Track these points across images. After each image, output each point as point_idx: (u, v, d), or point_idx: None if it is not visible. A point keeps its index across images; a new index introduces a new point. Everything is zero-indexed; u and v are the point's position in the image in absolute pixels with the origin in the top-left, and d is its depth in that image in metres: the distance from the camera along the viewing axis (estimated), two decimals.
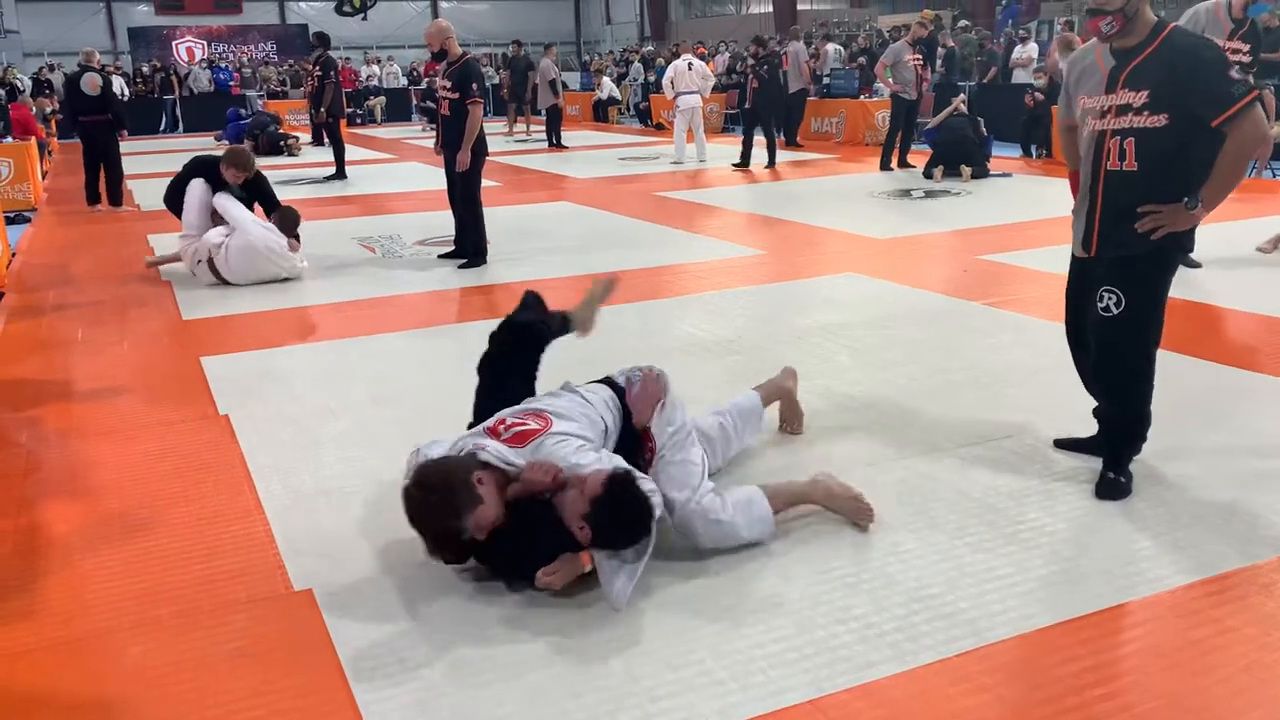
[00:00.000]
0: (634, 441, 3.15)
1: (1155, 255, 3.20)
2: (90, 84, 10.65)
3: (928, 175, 11.38)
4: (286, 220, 7.34)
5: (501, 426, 3.02)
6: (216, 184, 7.29)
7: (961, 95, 11.58)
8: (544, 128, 17.56)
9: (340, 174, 13.13)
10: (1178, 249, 3.30)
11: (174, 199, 7.51)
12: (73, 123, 10.87)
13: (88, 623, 2.85)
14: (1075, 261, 3.47)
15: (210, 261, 7.10)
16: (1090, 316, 3.33)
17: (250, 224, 7.13)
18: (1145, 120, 3.11)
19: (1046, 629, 2.65)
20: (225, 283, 7.07)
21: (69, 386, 5.03)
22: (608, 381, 3.32)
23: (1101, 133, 3.22)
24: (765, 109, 13.12)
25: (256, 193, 7.51)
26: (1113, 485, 3.38)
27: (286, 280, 7.16)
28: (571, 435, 2.95)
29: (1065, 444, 3.71)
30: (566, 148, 16.87)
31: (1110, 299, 3.25)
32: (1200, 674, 2.45)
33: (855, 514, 3.23)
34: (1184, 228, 3.19)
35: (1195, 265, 6.39)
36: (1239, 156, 3.09)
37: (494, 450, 2.91)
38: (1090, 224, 3.31)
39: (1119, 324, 3.25)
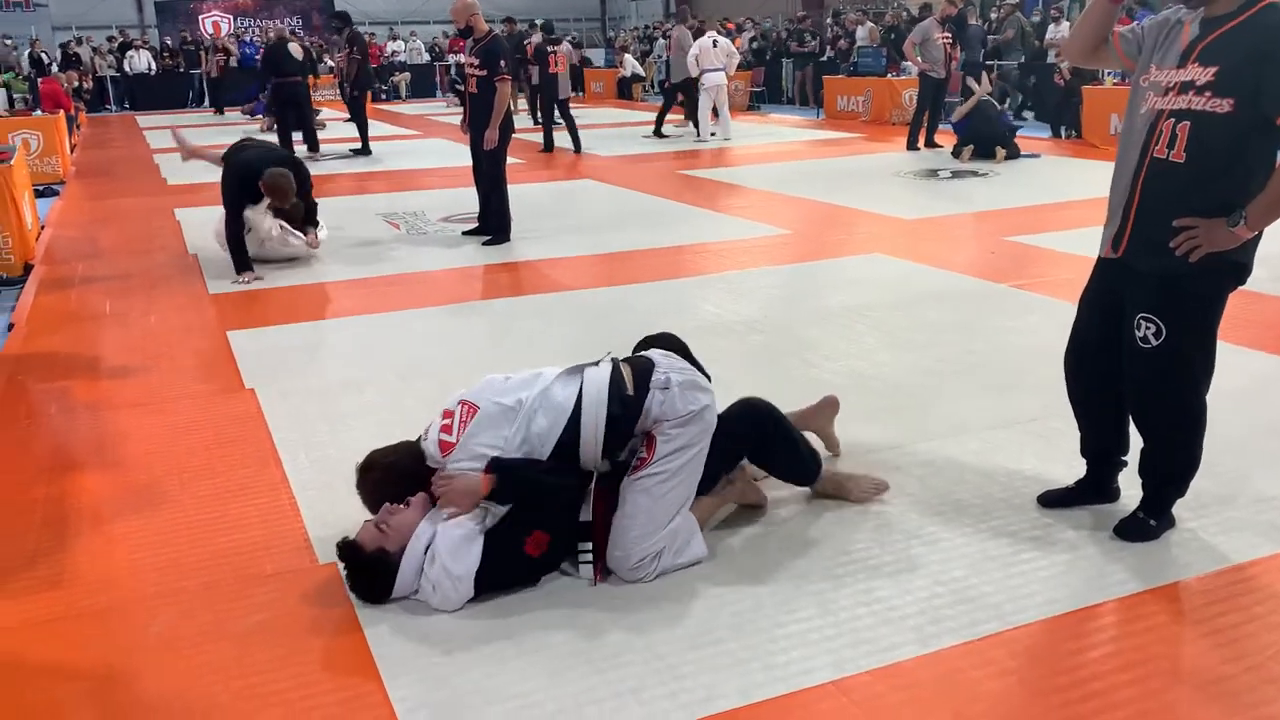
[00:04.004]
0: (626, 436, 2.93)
1: (1205, 274, 2.71)
2: (295, 50, 12.17)
3: (956, 155, 11.27)
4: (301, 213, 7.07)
5: (444, 419, 2.93)
6: (256, 195, 6.77)
7: (987, 86, 11.36)
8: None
9: (365, 150, 13.15)
10: (1235, 268, 2.74)
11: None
12: (270, 85, 12.37)
13: (115, 592, 2.88)
14: (1100, 264, 2.98)
15: None
16: (1124, 345, 2.86)
17: (259, 223, 6.84)
18: (1205, 103, 2.61)
19: (1071, 613, 2.64)
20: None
21: (97, 359, 5.07)
22: (640, 369, 2.95)
23: (1159, 112, 2.72)
24: (544, 95, 13.32)
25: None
26: (1139, 526, 2.99)
27: (301, 259, 7.17)
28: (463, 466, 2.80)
29: (1049, 500, 3.21)
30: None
31: (1149, 328, 2.76)
32: (1227, 661, 2.43)
33: (756, 499, 3.22)
34: (1223, 248, 2.65)
35: None
36: None
37: (430, 447, 2.90)
38: (1125, 219, 2.81)
39: (1160, 359, 2.77)
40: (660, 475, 2.83)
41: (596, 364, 2.98)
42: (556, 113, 13.34)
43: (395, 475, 2.94)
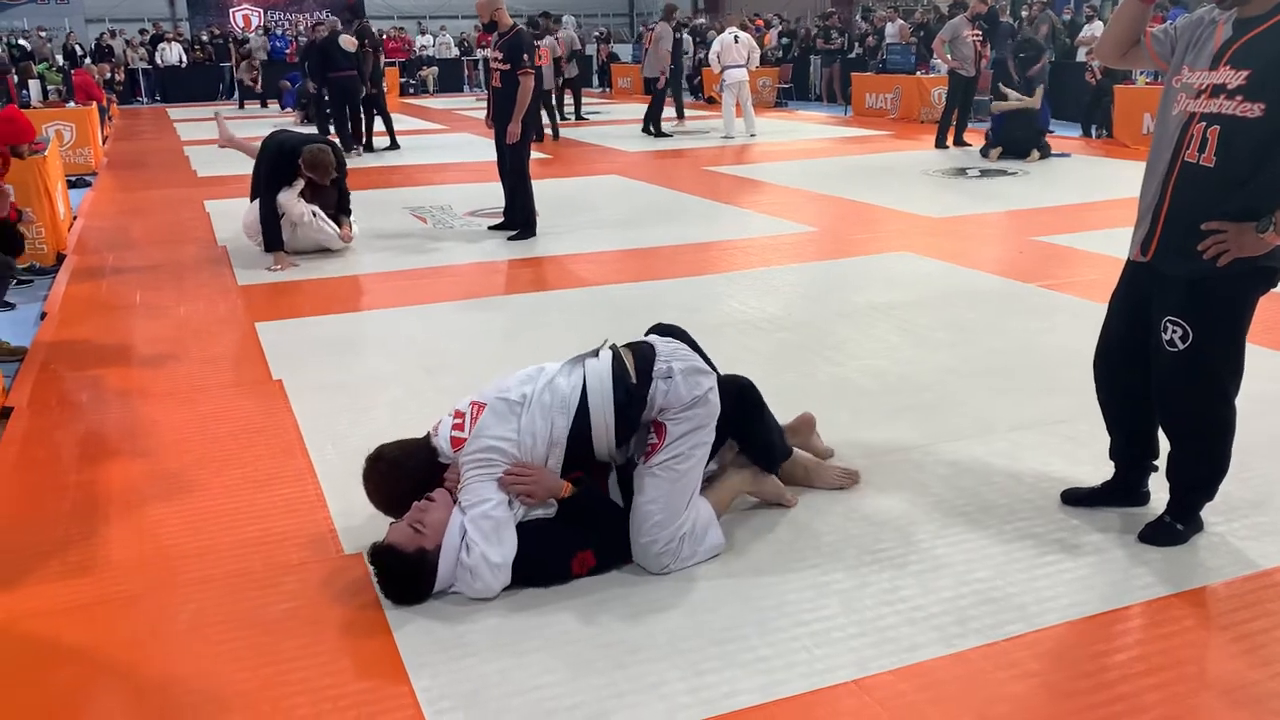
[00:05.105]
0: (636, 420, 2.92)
1: (1233, 278, 2.68)
2: (348, 43, 12.03)
3: (984, 154, 11.18)
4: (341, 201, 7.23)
5: (456, 419, 2.94)
6: (290, 175, 6.88)
7: (1035, 102, 11.15)
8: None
9: (394, 144, 13.23)
10: (1265, 272, 2.70)
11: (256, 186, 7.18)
12: (322, 79, 12.30)
13: (145, 578, 2.92)
14: (1130, 266, 2.95)
15: None
16: (1151, 349, 2.83)
17: (291, 206, 6.92)
18: (1236, 106, 2.58)
19: (1096, 616, 2.62)
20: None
21: (127, 348, 5.13)
22: (641, 357, 2.94)
23: (1191, 115, 2.69)
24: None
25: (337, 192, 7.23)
26: (1166, 530, 2.95)
27: (336, 250, 7.23)
28: (480, 465, 2.80)
29: (1073, 499, 3.20)
30: (587, 120, 17.05)
31: (1175, 331, 2.74)
32: (1255, 667, 2.41)
33: (778, 497, 3.23)
34: (1252, 254, 2.62)
35: None
36: None
37: (442, 442, 2.93)
38: (1154, 222, 2.79)
39: (1186, 362, 2.75)
40: (674, 459, 2.86)
41: (596, 354, 2.99)
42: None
43: (405, 470, 2.95)
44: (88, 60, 21.56)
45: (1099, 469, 3.27)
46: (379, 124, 13.24)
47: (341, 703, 2.36)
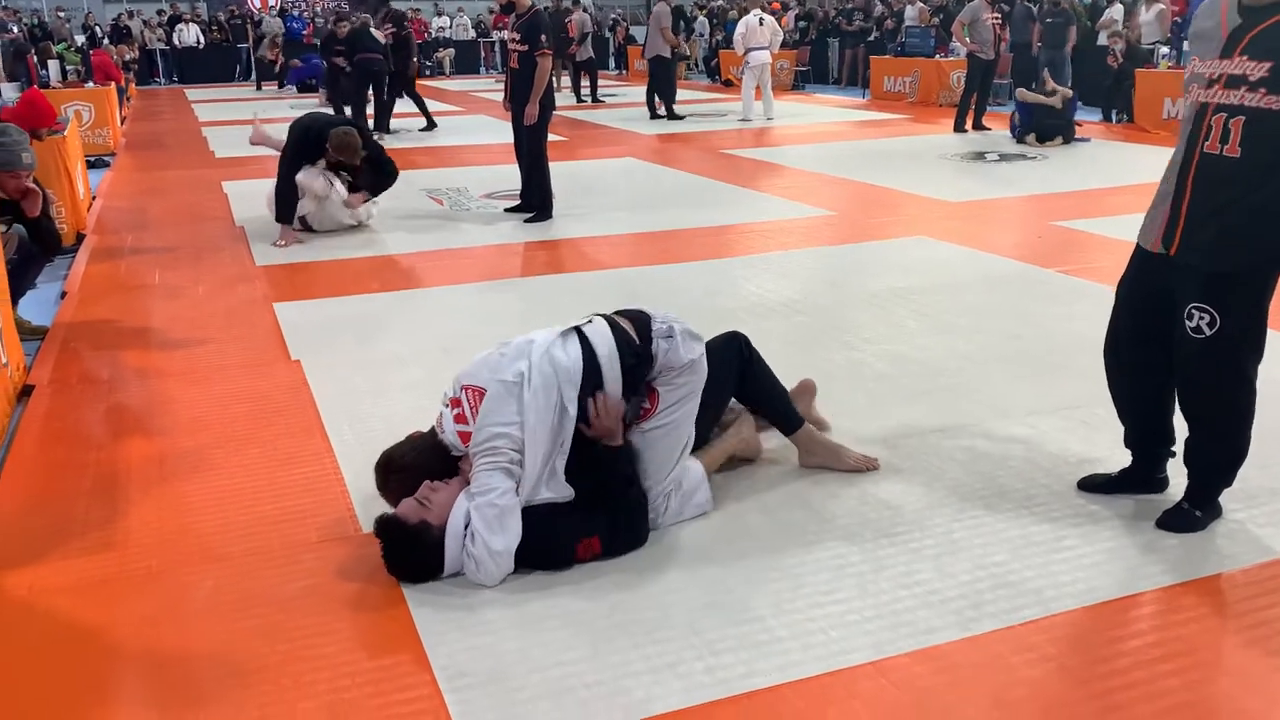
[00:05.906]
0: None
1: (1261, 263, 2.71)
2: (379, 35, 12.82)
3: (1021, 141, 11.02)
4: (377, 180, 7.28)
5: (454, 409, 2.93)
6: (314, 157, 6.97)
7: (1061, 98, 11.04)
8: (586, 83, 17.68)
9: (430, 124, 13.39)
10: None
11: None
12: (351, 60, 12.54)
13: (163, 556, 2.94)
14: (1142, 255, 2.91)
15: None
16: (1176, 337, 2.81)
17: (313, 183, 6.99)
18: (1260, 99, 2.54)
19: (1113, 601, 2.62)
20: (308, 229, 7.13)
21: (146, 328, 5.16)
22: (639, 321, 3.01)
23: (1205, 105, 2.67)
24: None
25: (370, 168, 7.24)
26: (1184, 517, 2.94)
27: (356, 228, 7.26)
28: (487, 454, 2.79)
29: (1090, 485, 3.19)
30: (602, 103, 17.09)
31: (1201, 318, 2.73)
32: (1271, 654, 2.40)
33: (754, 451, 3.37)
34: None
35: None
36: None
37: (450, 438, 2.92)
38: (1175, 215, 2.76)
39: (1211, 347, 2.74)
40: (667, 425, 2.98)
41: (589, 322, 3.01)
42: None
43: (423, 471, 2.92)
44: (106, 41, 21.61)
45: (1116, 454, 3.25)
46: (400, 106, 13.30)
47: (360, 679, 2.38)
